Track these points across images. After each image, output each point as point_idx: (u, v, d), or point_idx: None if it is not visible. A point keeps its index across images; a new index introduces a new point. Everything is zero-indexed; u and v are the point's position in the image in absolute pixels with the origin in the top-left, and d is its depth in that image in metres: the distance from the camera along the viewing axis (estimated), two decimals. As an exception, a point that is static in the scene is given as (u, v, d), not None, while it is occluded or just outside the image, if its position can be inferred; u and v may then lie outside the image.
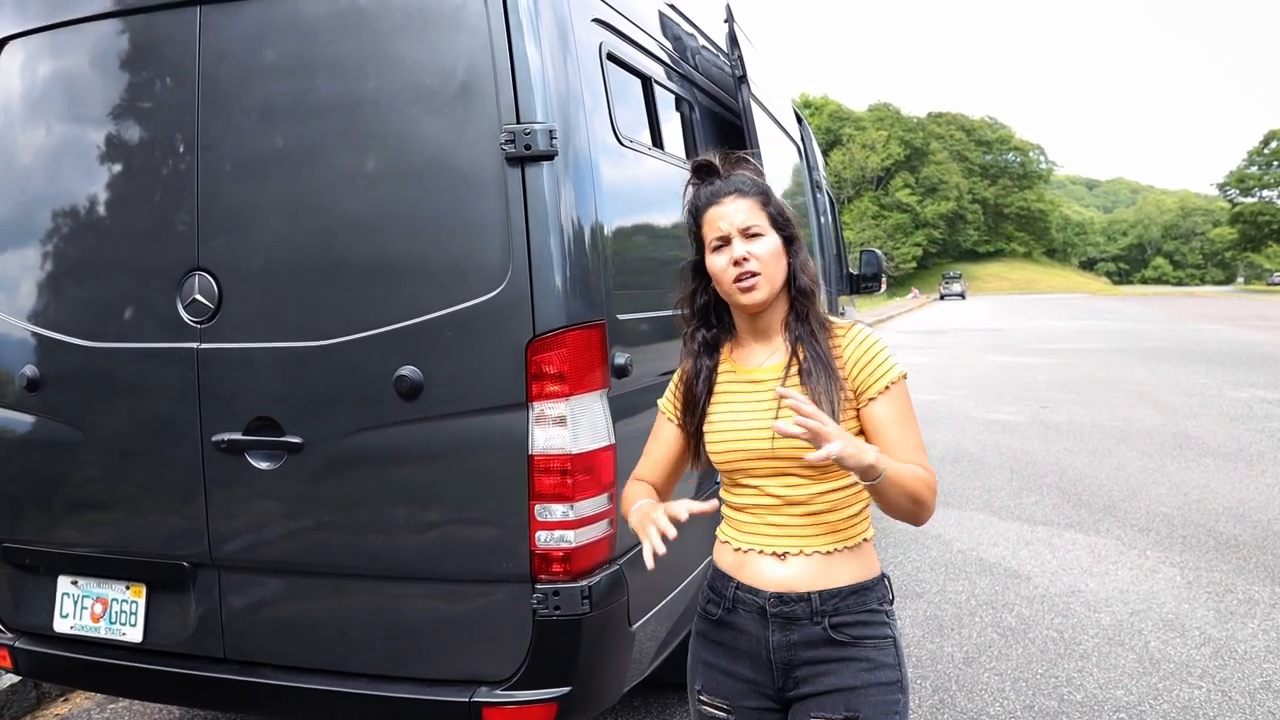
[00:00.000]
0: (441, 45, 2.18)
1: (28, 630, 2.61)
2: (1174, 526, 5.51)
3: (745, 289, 1.53)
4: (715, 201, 1.58)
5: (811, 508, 1.54)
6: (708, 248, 1.59)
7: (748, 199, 1.57)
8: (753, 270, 1.53)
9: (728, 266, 1.54)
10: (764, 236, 1.55)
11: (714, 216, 1.57)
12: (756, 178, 1.62)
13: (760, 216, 1.56)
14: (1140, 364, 15.00)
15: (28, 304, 2.59)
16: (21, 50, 2.59)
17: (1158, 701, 3.30)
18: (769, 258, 1.55)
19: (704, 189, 1.62)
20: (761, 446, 1.54)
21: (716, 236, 1.56)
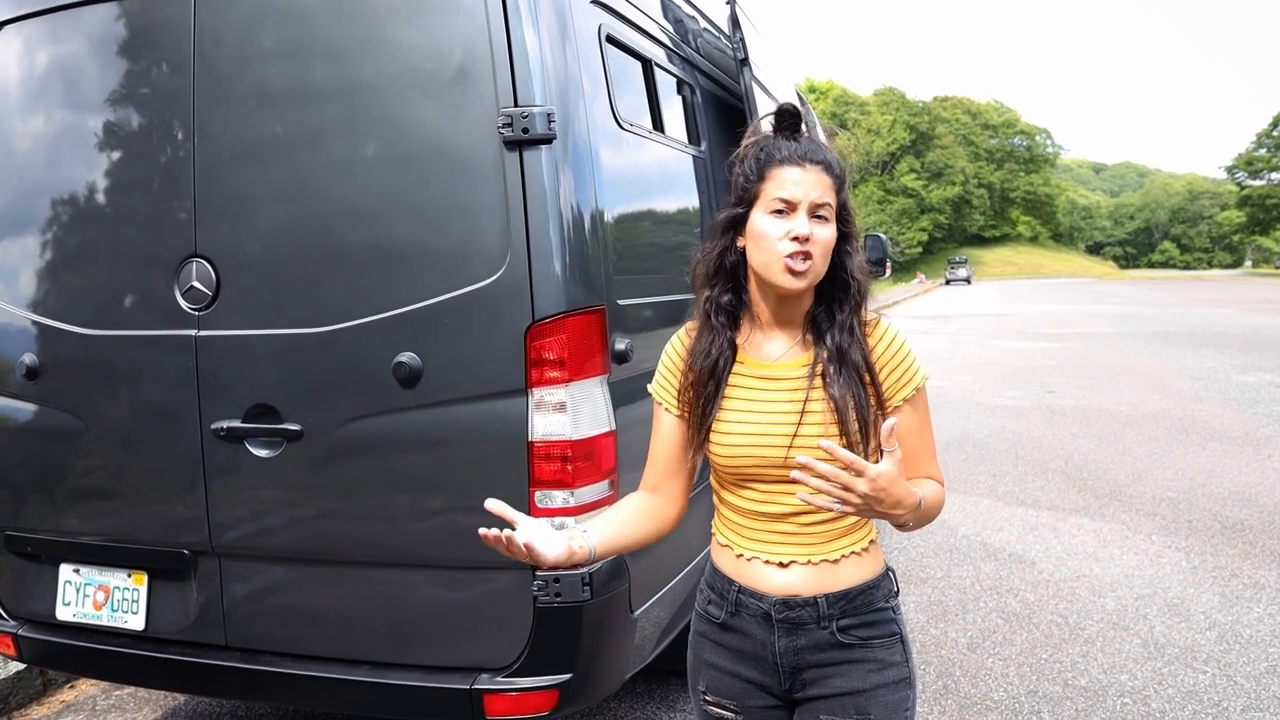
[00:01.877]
0: (438, 28, 2.15)
1: (31, 618, 2.62)
2: (1179, 511, 5.49)
3: (796, 271, 1.36)
4: (797, 162, 1.38)
5: (820, 516, 1.42)
6: (763, 206, 1.39)
7: (830, 177, 1.40)
8: (810, 253, 1.36)
9: (784, 238, 1.36)
10: (829, 223, 1.39)
11: (788, 178, 1.38)
12: (842, 160, 1.46)
13: (833, 201, 1.40)
14: (1146, 348, 14.93)
15: (26, 292, 2.58)
16: (17, 35, 2.57)
17: (1162, 686, 3.30)
18: (826, 246, 1.38)
19: (786, 143, 1.41)
20: (775, 455, 1.39)
21: (782, 198, 1.37)
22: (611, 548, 1.48)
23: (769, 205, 1.38)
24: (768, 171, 1.40)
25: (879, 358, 1.42)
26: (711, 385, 1.44)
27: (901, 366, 1.43)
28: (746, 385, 1.44)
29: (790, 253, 1.35)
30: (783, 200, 1.37)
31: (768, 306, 1.45)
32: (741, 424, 1.42)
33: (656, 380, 1.54)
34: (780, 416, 1.40)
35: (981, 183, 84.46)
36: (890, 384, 1.42)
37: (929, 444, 1.47)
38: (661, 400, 1.53)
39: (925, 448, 1.46)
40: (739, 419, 1.43)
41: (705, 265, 1.47)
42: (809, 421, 1.38)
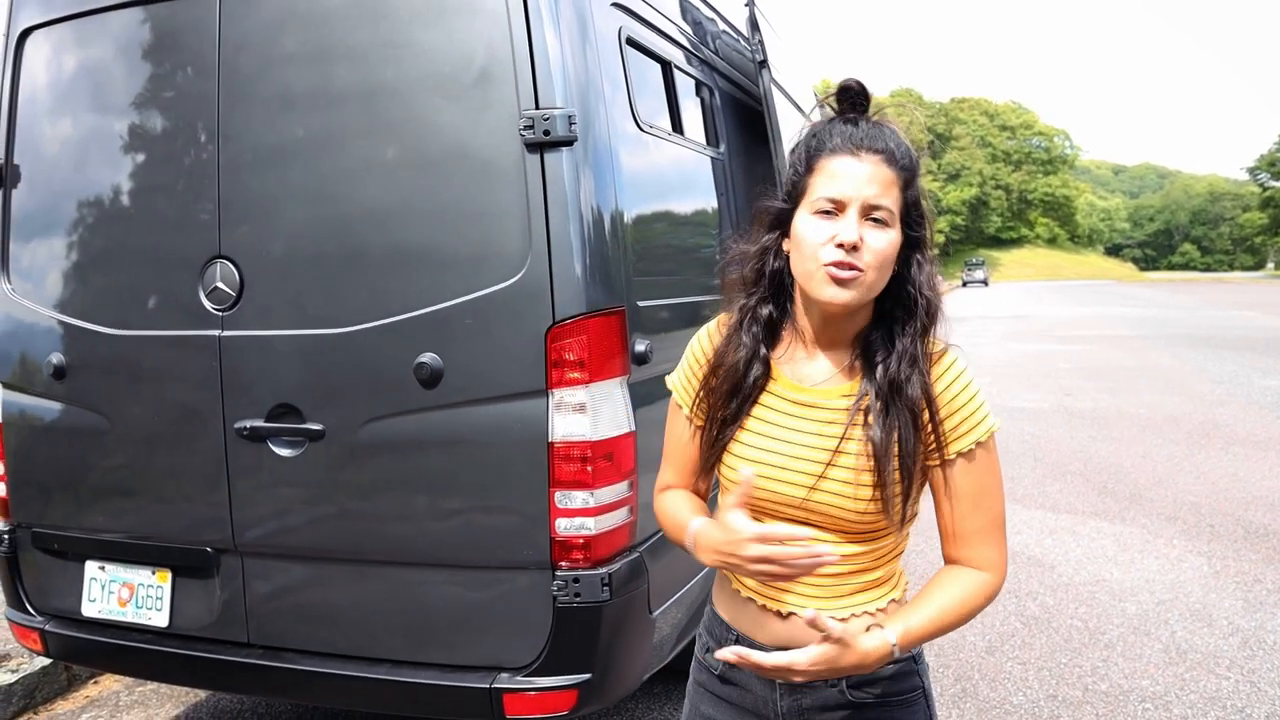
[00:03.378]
0: (460, 31, 2.17)
1: (57, 614, 2.65)
2: (1201, 515, 5.44)
3: (839, 280, 1.13)
4: (852, 151, 1.15)
5: (833, 569, 1.20)
6: (809, 204, 1.16)
7: (892, 169, 1.16)
8: (857, 265, 1.13)
9: (827, 244, 1.13)
10: (888, 228, 1.15)
11: (838, 169, 1.15)
12: (912, 146, 1.21)
13: (895, 199, 1.16)
14: (1167, 351, 14.79)
15: (54, 293, 2.61)
16: (45, 41, 2.61)
17: (1184, 692, 3.27)
18: (883, 257, 1.14)
19: (842, 126, 1.18)
20: (793, 494, 1.20)
21: (829, 197, 1.14)
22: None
23: (814, 204, 1.16)
24: (816, 162, 1.17)
25: (943, 397, 1.19)
26: (734, 404, 1.24)
27: (964, 411, 1.19)
28: (776, 408, 1.24)
29: (833, 261, 1.13)
30: (829, 199, 1.14)
31: (812, 323, 1.23)
32: (764, 450, 1.22)
33: (677, 379, 1.35)
34: (808, 451, 1.20)
35: (999, 184, 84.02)
36: (946, 431, 1.19)
37: (988, 515, 1.20)
38: (679, 400, 1.34)
39: (979, 518, 1.20)
40: (762, 444, 1.23)
41: (743, 267, 1.26)
42: (841, 464, 1.18)
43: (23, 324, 2.65)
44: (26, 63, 2.63)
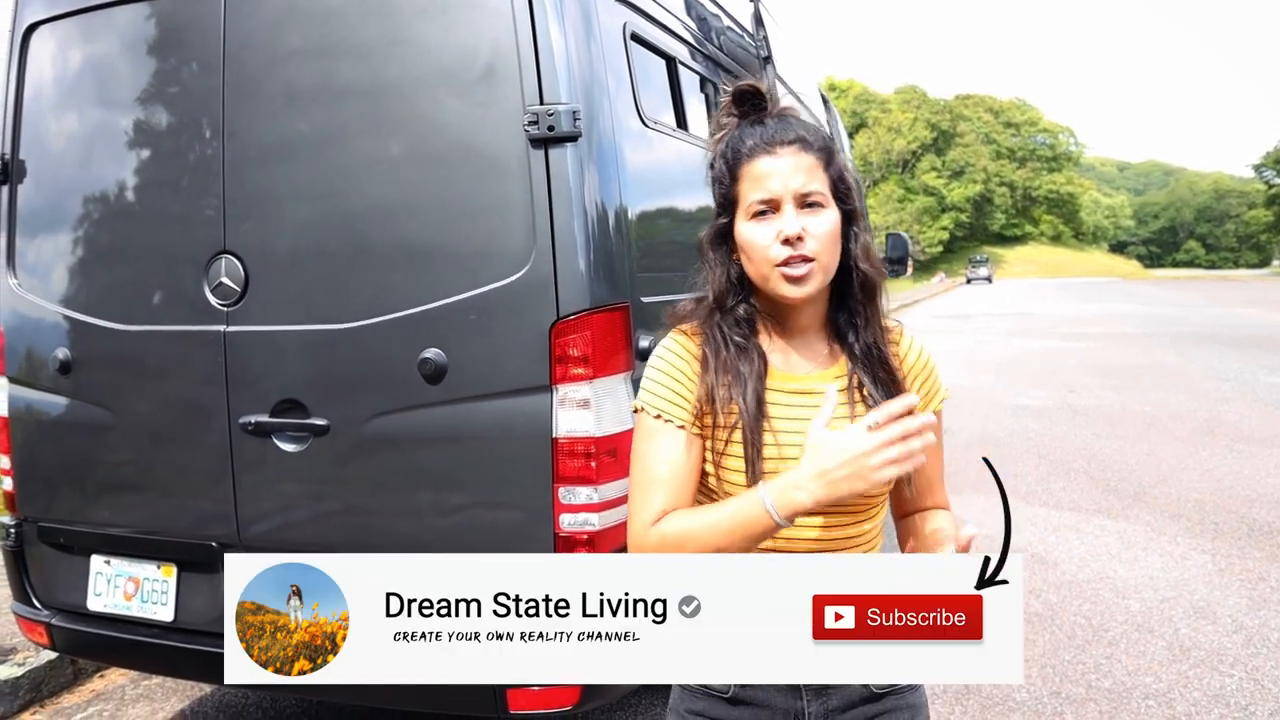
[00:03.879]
0: (464, 27, 2.17)
1: (63, 608, 2.66)
2: (1205, 513, 5.43)
3: (795, 278, 1.17)
4: (767, 149, 1.18)
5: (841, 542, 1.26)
6: (744, 211, 1.19)
7: (810, 154, 1.18)
8: (807, 255, 1.16)
9: (773, 243, 1.16)
10: (825, 209, 1.18)
11: (762, 171, 1.18)
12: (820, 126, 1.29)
13: (823, 180, 1.18)
14: (1172, 348, 14.76)
15: (60, 288, 2.62)
16: (50, 36, 2.62)
17: (1188, 689, 3.26)
18: (828, 239, 1.17)
19: (751, 129, 1.21)
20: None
21: (761, 199, 1.17)
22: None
23: (750, 209, 1.19)
24: (739, 170, 1.20)
25: (910, 368, 1.28)
26: (756, 410, 1.21)
27: (930, 380, 1.30)
28: (782, 403, 1.23)
29: (784, 259, 1.16)
30: (762, 201, 1.17)
31: (781, 318, 1.26)
32: (790, 448, 1.20)
33: (659, 394, 1.25)
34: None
35: (1003, 181, 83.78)
36: (922, 397, 1.27)
37: (942, 468, 1.35)
38: (669, 415, 1.24)
39: (938, 470, 1.34)
40: (785, 442, 1.21)
41: (716, 289, 1.25)
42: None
43: (29, 319, 2.66)
44: (32, 58, 2.64)
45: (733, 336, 1.23)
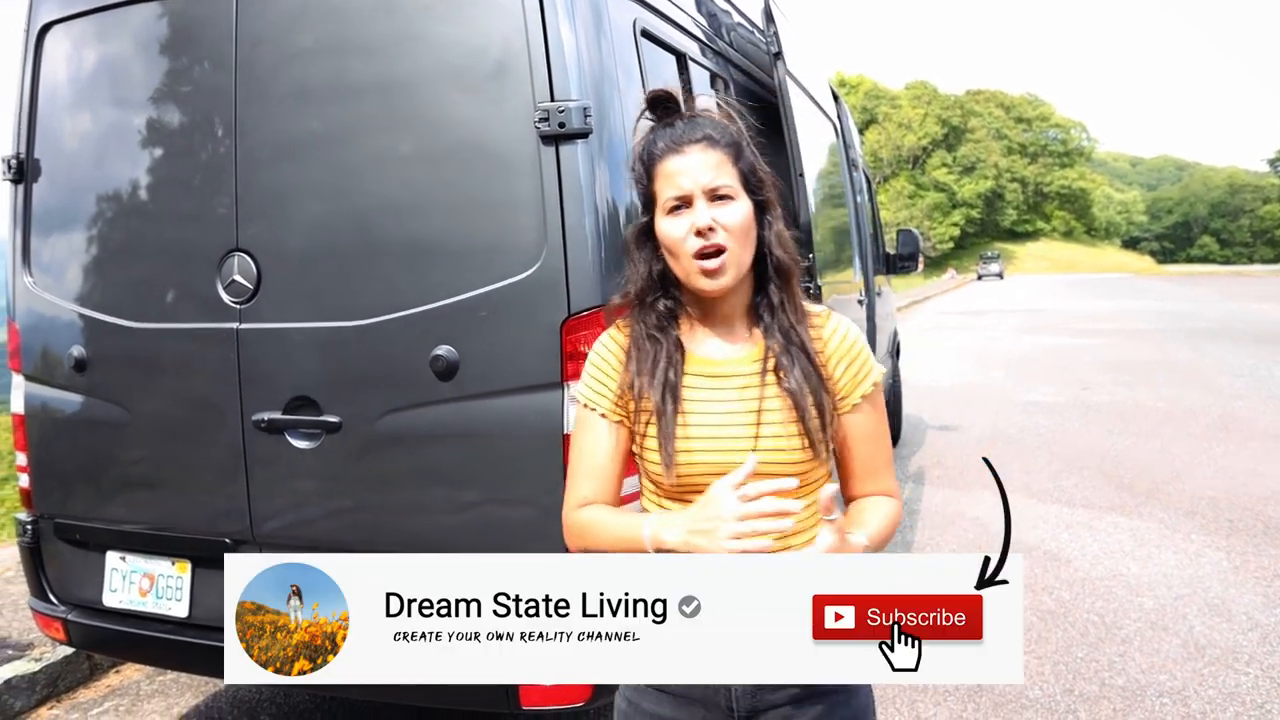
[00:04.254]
0: (475, 24, 2.17)
1: (79, 604, 2.68)
2: (1220, 510, 5.40)
3: (710, 271, 1.25)
4: (676, 149, 1.27)
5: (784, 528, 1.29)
6: (661, 208, 1.28)
7: (717, 150, 1.27)
8: (720, 245, 1.25)
9: (687, 236, 1.25)
10: (735, 201, 1.26)
11: (672, 169, 1.26)
12: (725, 121, 1.32)
13: (731, 174, 1.27)
14: (1186, 344, 14.66)
15: (74, 286, 2.64)
16: (64, 36, 2.63)
17: (1203, 687, 3.25)
18: (739, 229, 1.26)
19: (662, 131, 1.30)
20: (727, 461, 1.25)
21: (675, 196, 1.26)
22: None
23: (665, 206, 1.27)
24: (654, 170, 1.29)
25: (833, 352, 1.32)
26: (670, 400, 1.29)
27: (858, 363, 1.33)
28: (697, 387, 1.31)
29: (697, 250, 1.25)
30: (675, 197, 1.26)
31: (704, 307, 1.34)
32: (697, 429, 1.29)
33: (586, 384, 1.37)
34: (737, 418, 1.29)
35: (1015, 177, 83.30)
36: (846, 382, 1.32)
37: (884, 451, 1.34)
38: (595, 404, 1.35)
39: (879, 456, 1.34)
40: (694, 424, 1.29)
41: (637, 285, 1.34)
42: (768, 421, 1.27)
43: (45, 317, 2.68)
44: (46, 58, 2.66)
45: (651, 330, 1.33)
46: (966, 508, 5.53)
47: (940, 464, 6.71)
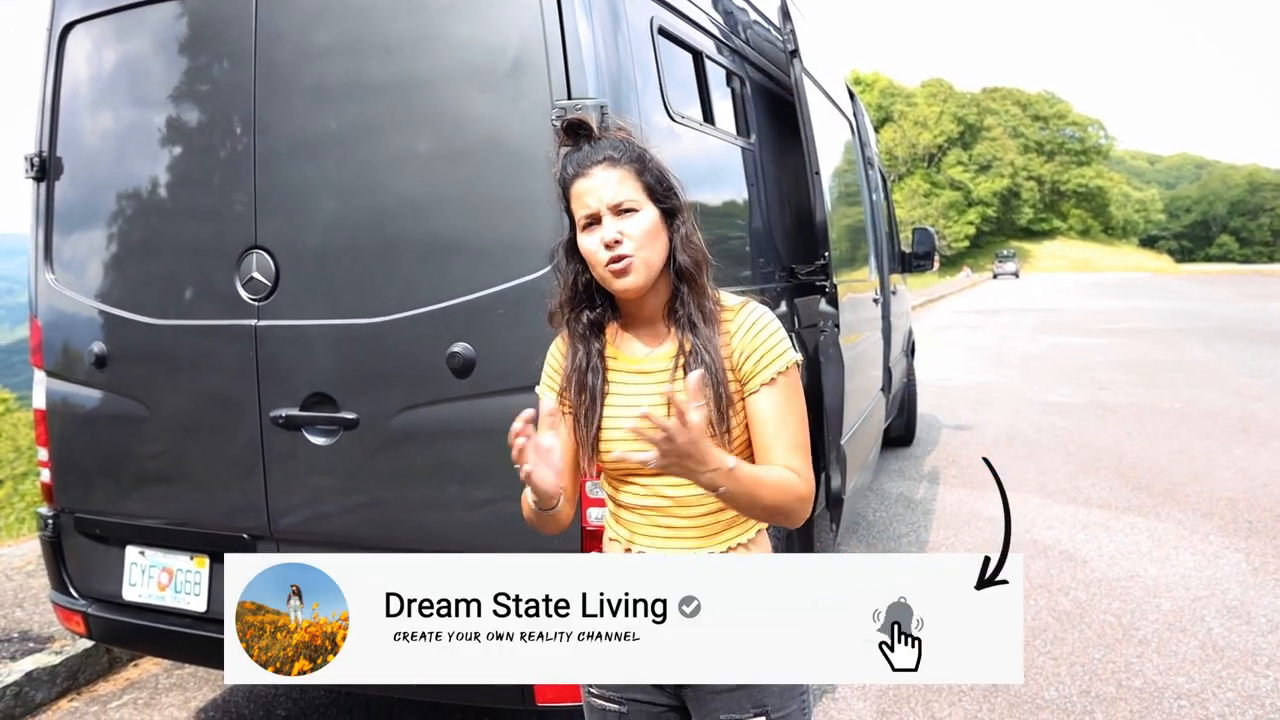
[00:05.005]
0: (493, 22, 2.18)
1: (99, 597, 2.71)
2: (1239, 511, 5.35)
3: (618, 273, 1.36)
4: (581, 173, 1.38)
5: (704, 507, 1.41)
6: (578, 225, 1.40)
7: (618, 168, 1.37)
8: (624, 254, 1.35)
9: (599, 248, 1.36)
10: (638, 212, 1.37)
11: (581, 191, 1.38)
12: (630, 139, 1.42)
13: (634, 188, 1.37)
14: (1204, 344, 14.53)
15: (95, 283, 2.67)
16: (86, 35, 2.66)
17: (1221, 689, 3.22)
18: (644, 236, 1.36)
19: (572, 155, 1.41)
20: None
21: (585, 214, 1.37)
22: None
23: (581, 223, 1.39)
24: (568, 191, 1.40)
25: (737, 343, 1.40)
26: (587, 397, 1.43)
27: (761, 350, 1.40)
28: (621, 382, 1.44)
29: (608, 261, 1.35)
30: (586, 215, 1.37)
31: (627, 310, 1.45)
32: (622, 420, 1.40)
33: (543, 380, 1.53)
34: (654, 406, 1.37)
35: (1031, 175, 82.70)
36: (748, 368, 1.40)
37: (788, 436, 1.39)
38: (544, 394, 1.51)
39: (784, 437, 1.39)
40: (617, 416, 1.42)
41: (561, 293, 1.46)
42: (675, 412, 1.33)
43: (65, 314, 2.71)
44: (68, 57, 2.68)
45: (577, 339, 1.46)
46: (981, 508, 5.50)
47: (955, 463, 6.67)
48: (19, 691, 3.18)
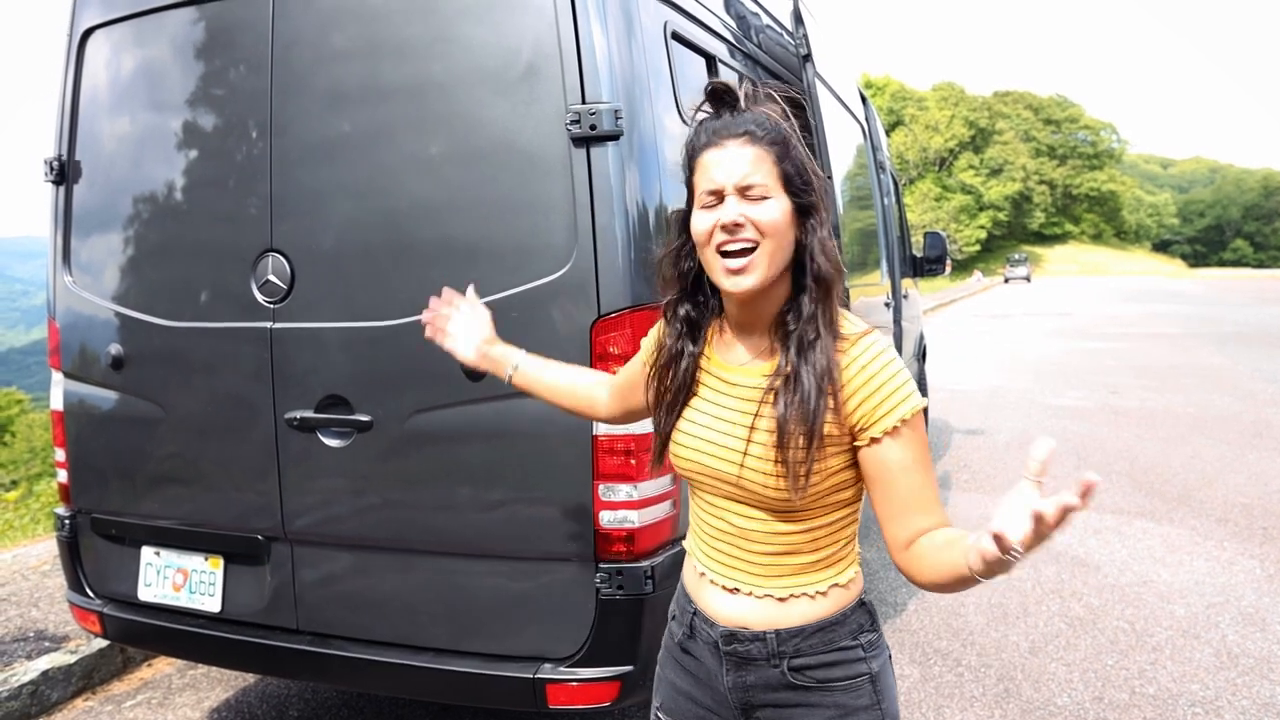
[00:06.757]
0: (507, 26, 2.19)
1: (115, 597, 2.73)
2: (1253, 517, 5.31)
3: (733, 270, 1.18)
4: (715, 142, 1.20)
5: (768, 547, 1.26)
6: (696, 200, 1.23)
7: (757, 146, 1.19)
8: (746, 244, 1.17)
9: (714, 231, 1.19)
10: (768, 200, 1.18)
11: (709, 162, 1.20)
12: (781, 120, 1.23)
13: (769, 173, 1.18)
14: (1217, 349, 14.43)
15: (112, 285, 2.69)
16: (105, 40, 2.68)
17: (1236, 697, 3.20)
18: (772, 229, 1.17)
19: (708, 123, 1.23)
20: (726, 470, 1.25)
21: (707, 190, 1.20)
22: (530, 386, 1.64)
23: (700, 200, 1.22)
24: (694, 161, 1.23)
25: (853, 378, 1.19)
26: (670, 391, 1.33)
27: (881, 393, 1.19)
28: (709, 385, 1.31)
29: (719, 245, 1.18)
30: (708, 191, 1.20)
31: (732, 308, 1.28)
32: (698, 426, 1.30)
33: (650, 336, 1.46)
34: (732, 428, 1.25)
35: (1043, 179, 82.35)
36: (865, 412, 1.19)
37: (931, 488, 1.21)
38: (644, 352, 1.46)
39: (925, 493, 1.20)
40: (697, 420, 1.30)
41: (662, 269, 1.32)
42: (756, 441, 1.22)
43: (83, 316, 2.73)
44: (88, 62, 2.71)
45: (671, 336, 1.34)
46: (993, 511, 5.46)
47: (967, 468, 6.65)
48: (35, 690, 3.20)
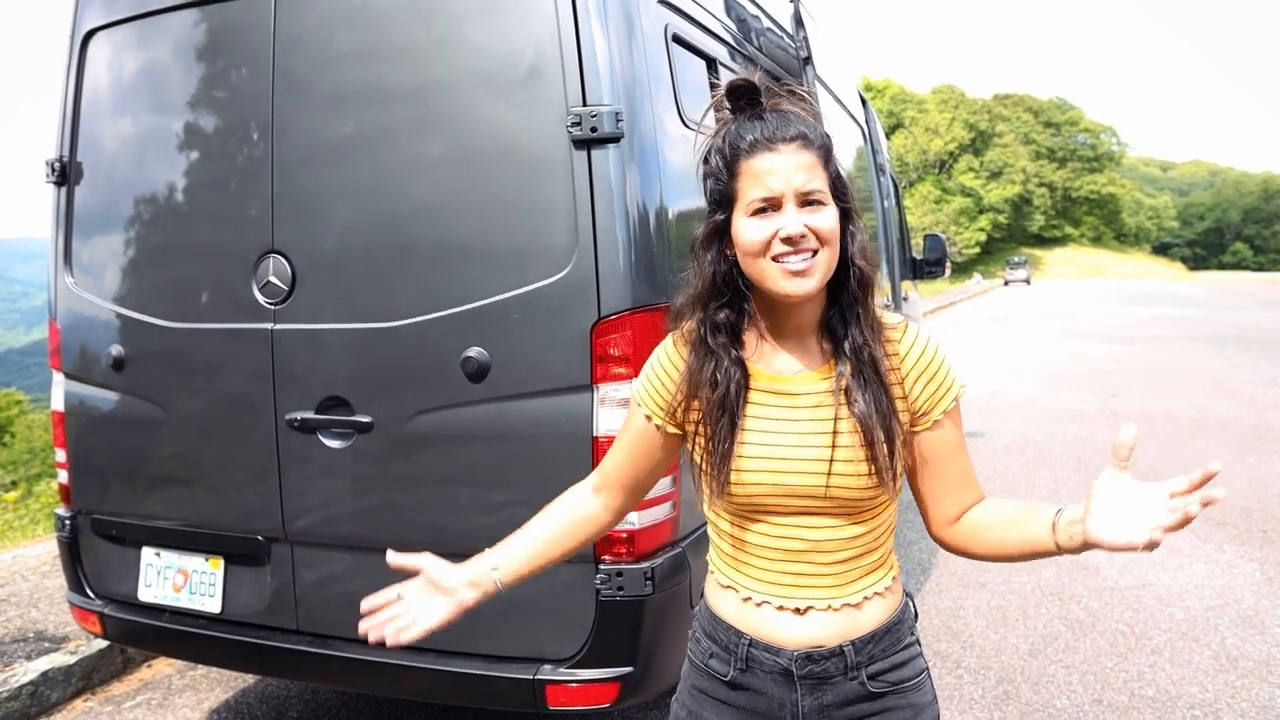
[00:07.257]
0: (509, 29, 2.19)
1: (115, 598, 2.73)
2: (1253, 520, 5.31)
3: (795, 272, 1.15)
4: (769, 146, 1.16)
5: (842, 554, 1.25)
6: (743, 208, 1.17)
7: (811, 152, 1.17)
8: (809, 248, 1.15)
9: (773, 241, 1.15)
10: (826, 207, 1.17)
11: (762, 169, 1.15)
12: (818, 124, 1.22)
13: (823, 178, 1.17)
14: (1217, 352, 14.43)
15: (113, 286, 2.69)
16: (107, 42, 2.69)
17: (1235, 700, 3.20)
18: (831, 236, 1.17)
19: (750, 124, 1.18)
20: (816, 484, 1.20)
21: (763, 196, 1.15)
22: (525, 568, 1.39)
23: (749, 207, 1.17)
24: (738, 166, 1.18)
25: (913, 366, 1.24)
26: (726, 419, 1.23)
27: (938, 378, 1.24)
28: (764, 404, 1.24)
29: (782, 255, 1.15)
30: (763, 199, 1.16)
31: (775, 317, 1.25)
32: (765, 449, 1.22)
33: (643, 386, 1.33)
34: (810, 439, 1.21)
35: (1043, 182, 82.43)
36: (925, 398, 1.24)
37: (970, 466, 1.29)
38: (646, 406, 1.32)
39: (969, 470, 1.28)
40: (762, 444, 1.22)
41: (697, 287, 1.25)
42: (841, 445, 1.20)
43: (84, 317, 2.74)
44: (90, 63, 2.72)
45: (712, 343, 1.24)
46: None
47: (966, 471, 6.64)
48: (34, 691, 3.20)
